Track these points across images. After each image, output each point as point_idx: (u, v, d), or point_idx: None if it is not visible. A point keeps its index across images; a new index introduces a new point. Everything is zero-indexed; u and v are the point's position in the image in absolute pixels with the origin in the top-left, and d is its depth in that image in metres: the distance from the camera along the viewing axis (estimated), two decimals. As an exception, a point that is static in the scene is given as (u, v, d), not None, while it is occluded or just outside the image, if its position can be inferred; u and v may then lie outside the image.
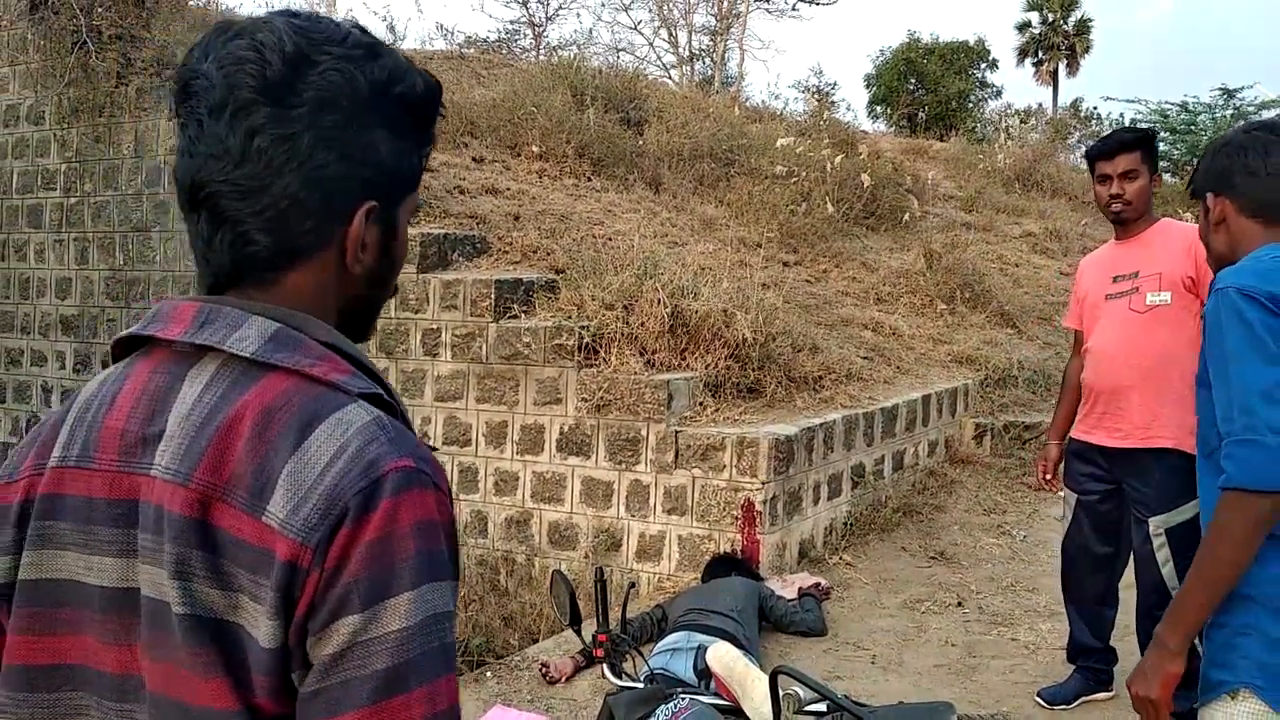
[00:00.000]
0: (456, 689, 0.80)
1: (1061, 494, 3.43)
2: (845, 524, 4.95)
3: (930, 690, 3.51)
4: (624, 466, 4.65)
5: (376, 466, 0.78)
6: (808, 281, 6.91)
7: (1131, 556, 3.22)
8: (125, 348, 0.91)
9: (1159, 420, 3.02)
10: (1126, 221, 3.13)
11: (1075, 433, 3.32)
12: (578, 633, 2.84)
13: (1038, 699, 3.43)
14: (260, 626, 0.77)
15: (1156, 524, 3.02)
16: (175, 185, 0.88)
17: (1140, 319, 3.06)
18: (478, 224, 5.82)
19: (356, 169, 0.86)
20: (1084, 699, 3.38)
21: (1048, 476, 3.50)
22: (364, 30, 0.90)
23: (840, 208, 8.03)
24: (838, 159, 8.41)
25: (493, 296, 4.96)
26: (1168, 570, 3.01)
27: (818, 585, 4.24)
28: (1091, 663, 3.40)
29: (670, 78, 22.18)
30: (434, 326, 5.14)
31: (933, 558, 4.79)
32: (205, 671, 0.78)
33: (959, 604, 4.29)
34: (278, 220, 0.85)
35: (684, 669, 3.16)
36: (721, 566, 4.16)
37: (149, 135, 6.81)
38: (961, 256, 7.57)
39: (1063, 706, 3.39)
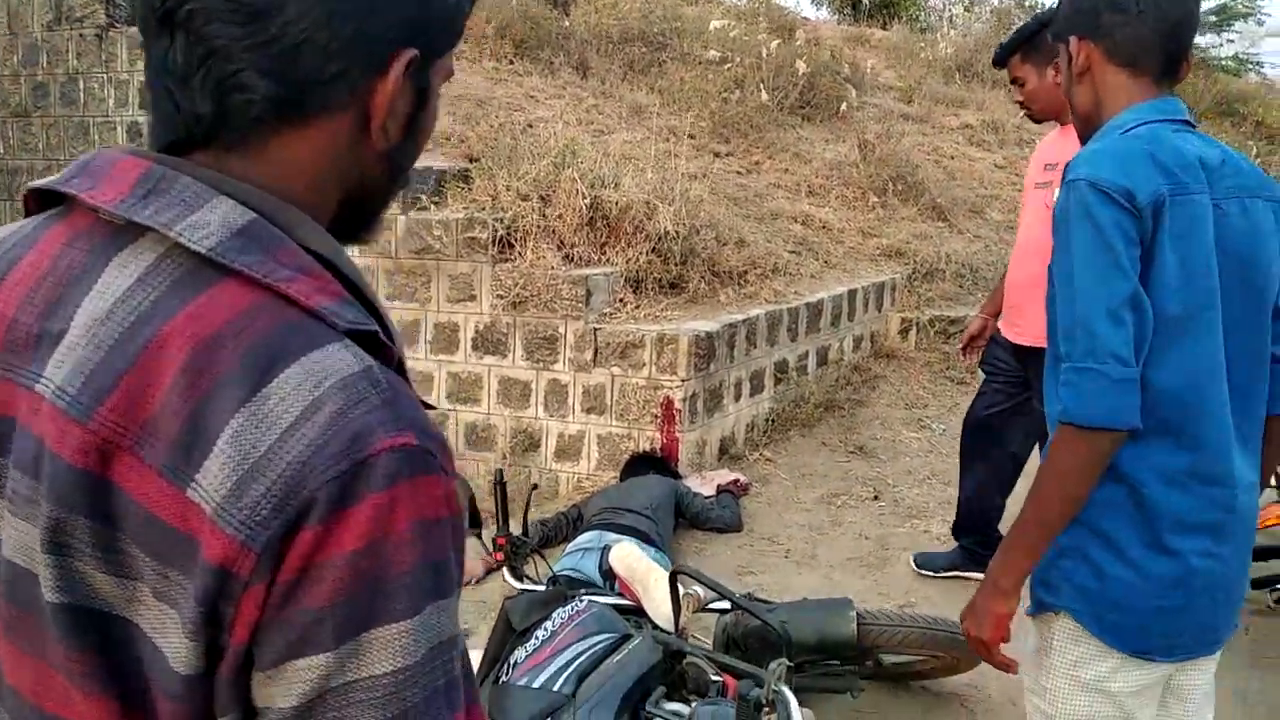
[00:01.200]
0: None
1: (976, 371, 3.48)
2: (767, 420, 4.92)
3: (841, 583, 3.53)
4: (541, 365, 4.51)
5: (364, 442, 0.57)
6: (738, 173, 6.71)
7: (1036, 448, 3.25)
8: (41, 202, 0.67)
9: None
10: (1041, 120, 3.10)
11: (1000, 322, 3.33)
12: (478, 536, 2.75)
13: (911, 562, 3.56)
14: (170, 639, 0.57)
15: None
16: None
17: (1046, 213, 2.97)
18: (387, 109, 5.46)
19: (402, 2, 0.64)
20: (956, 573, 3.46)
21: (960, 345, 3.56)
22: None
23: (775, 96, 7.76)
24: (774, 45, 8.09)
25: (401, 187, 4.68)
26: None
27: (736, 481, 4.22)
28: (972, 542, 3.46)
29: (608, -42, 21.11)
30: (340, 219, 4.85)
31: (852, 452, 4.81)
32: (85, 684, 0.59)
33: (875, 497, 4.31)
34: (286, 58, 0.62)
35: (592, 569, 3.12)
36: (640, 465, 4.11)
37: (24, 10, 6.19)
38: (896, 148, 7.41)
39: (930, 573, 3.50)
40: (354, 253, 4.81)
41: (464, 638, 0.66)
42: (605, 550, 3.05)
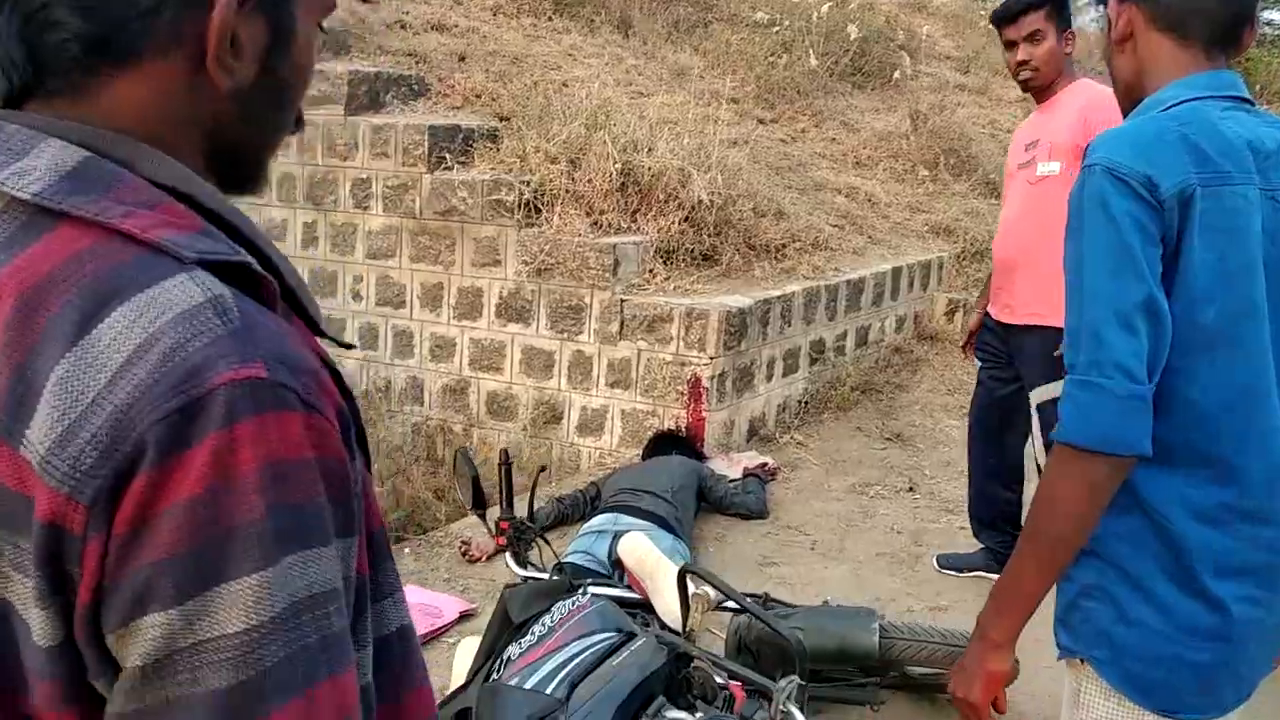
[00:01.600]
0: (351, 688, 0.57)
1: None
2: (800, 402, 4.70)
3: (868, 580, 3.34)
4: (566, 336, 4.34)
5: (200, 377, 0.52)
6: (782, 141, 6.43)
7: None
8: None
9: (1041, 298, 2.87)
10: (1037, 89, 2.90)
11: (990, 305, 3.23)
12: (482, 517, 2.60)
13: (934, 562, 3.40)
14: (31, 611, 0.55)
15: (1034, 396, 2.92)
16: None
17: (1032, 191, 2.88)
18: (417, 63, 5.28)
19: None
20: (977, 573, 3.31)
21: (963, 343, 3.47)
22: None
23: (824, 61, 7.44)
24: (825, 8, 7.74)
25: (426, 144, 4.51)
26: (1037, 447, 2.97)
27: (764, 465, 4.03)
28: (994, 542, 3.30)
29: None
30: (364, 176, 4.70)
31: (888, 439, 4.58)
32: None
33: (910, 489, 4.09)
34: None
35: (604, 554, 2.96)
36: (663, 444, 3.94)
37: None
38: (950, 120, 7.07)
39: (952, 573, 3.35)
40: (379, 212, 4.67)
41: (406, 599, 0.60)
42: (619, 536, 2.89)
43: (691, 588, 2.30)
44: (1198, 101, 1.24)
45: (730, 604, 2.44)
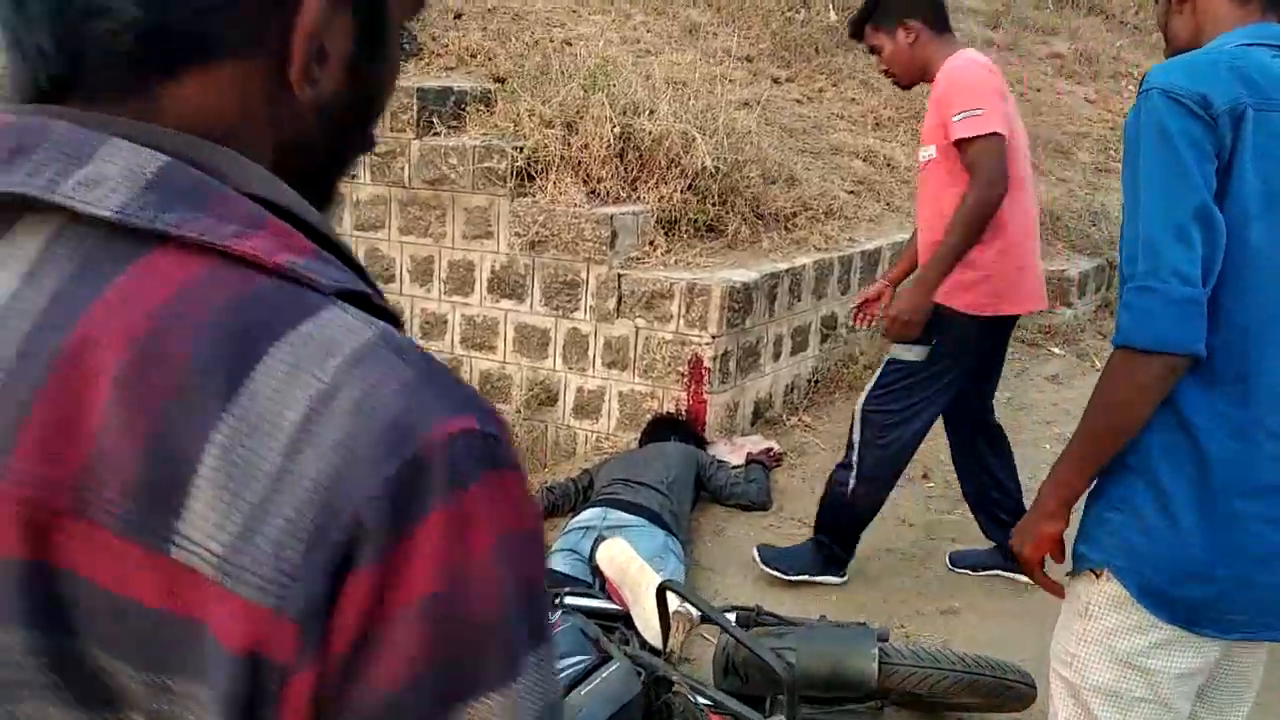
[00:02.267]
0: None
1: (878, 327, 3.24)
2: (810, 382, 4.46)
3: (875, 579, 3.13)
4: (561, 313, 4.11)
5: (410, 432, 0.41)
6: (797, 101, 6.11)
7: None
8: None
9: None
10: (910, 86, 2.94)
11: None
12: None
13: (947, 561, 3.22)
14: None
15: (894, 350, 2.89)
16: None
17: (921, 174, 2.90)
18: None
19: None
20: (994, 572, 3.12)
21: (854, 307, 3.29)
22: None
23: (844, 17, 7.06)
24: (847, -42, 7.35)
25: (415, 108, 4.26)
26: (862, 398, 2.98)
27: (768, 451, 3.81)
28: (1007, 538, 3.07)
29: None
30: (351, 143, 4.46)
31: (902, 421, 4.33)
32: None
33: (924, 476, 3.86)
34: None
35: (589, 554, 2.77)
36: (661, 429, 3.73)
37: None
38: (976, 78, 6.70)
39: (966, 571, 3.16)
40: (367, 180, 4.44)
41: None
42: (599, 538, 2.69)
43: (674, 604, 2.10)
44: (1249, 46, 1.29)
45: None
